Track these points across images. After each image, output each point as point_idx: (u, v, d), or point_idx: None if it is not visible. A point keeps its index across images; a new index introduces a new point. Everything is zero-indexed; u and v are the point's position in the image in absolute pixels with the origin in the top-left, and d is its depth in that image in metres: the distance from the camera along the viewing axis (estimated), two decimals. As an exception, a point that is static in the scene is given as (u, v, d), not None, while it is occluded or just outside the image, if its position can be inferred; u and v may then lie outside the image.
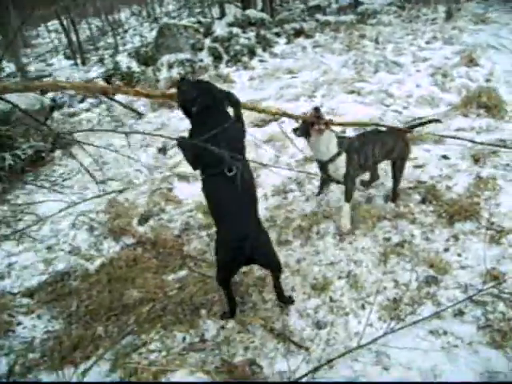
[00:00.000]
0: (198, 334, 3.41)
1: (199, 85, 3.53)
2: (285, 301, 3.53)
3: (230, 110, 3.56)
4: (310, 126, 4.06)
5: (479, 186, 4.64)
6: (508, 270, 3.56)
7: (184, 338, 3.37)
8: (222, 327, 3.44)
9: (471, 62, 8.33)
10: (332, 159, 4.17)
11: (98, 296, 3.89)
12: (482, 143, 5.25)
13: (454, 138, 5.40)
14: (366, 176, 4.94)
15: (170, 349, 3.29)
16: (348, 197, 4.34)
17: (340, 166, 4.20)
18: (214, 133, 3.21)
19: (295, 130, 4.27)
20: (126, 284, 4.00)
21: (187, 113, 3.49)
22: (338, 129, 4.87)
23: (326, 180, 4.61)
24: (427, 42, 10.59)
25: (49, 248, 4.73)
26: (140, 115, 4.46)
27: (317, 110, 4.01)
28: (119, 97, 8.18)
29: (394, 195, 4.68)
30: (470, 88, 7.19)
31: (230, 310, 3.47)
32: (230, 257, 3.23)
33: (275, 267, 3.41)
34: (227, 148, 3.11)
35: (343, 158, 4.18)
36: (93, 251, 4.62)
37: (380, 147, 4.38)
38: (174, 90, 3.57)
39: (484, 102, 6.35)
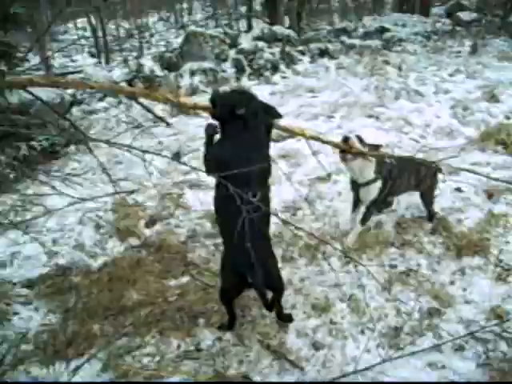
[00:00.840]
0: (193, 342, 3.38)
1: (237, 95, 3.36)
2: (284, 319, 3.49)
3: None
4: (341, 152, 4.06)
5: (490, 222, 4.61)
6: (512, 309, 3.51)
7: (179, 346, 3.35)
8: (219, 338, 3.41)
9: (492, 97, 8.30)
10: (367, 183, 4.20)
11: (98, 294, 3.89)
12: (497, 179, 5.16)
13: (469, 171, 5.33)
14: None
15: (164, 354, 3.28)
16: (365, 220, 4.37)
17: (372, 192, 4.23)
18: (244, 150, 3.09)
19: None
20: (127, 285, 4.00)
21: (221, 122, 3.31)
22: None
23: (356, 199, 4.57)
24: (450, 75, 10.57)
25: (54, 241, 4.73)
26: (167, 124, 4.45)
27: (346, 139, 3.99)
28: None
29: (431, 214, 4.74)
30: (490, 124, 7.16)
31: (229, 323, 3.43)
32: (232, 283, 3.19)
33: (278, 292, 3.35)
34: (255, 173, 2.98)
35: (378, 184, 4.21)
36: (97, 249, 4.62)
37: (409, 177, 4.43)
38: (205, 103, 3.46)
39: (502, 139, 6.32)
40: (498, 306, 3.53)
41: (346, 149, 4.00)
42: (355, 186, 4.34)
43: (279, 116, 3.52)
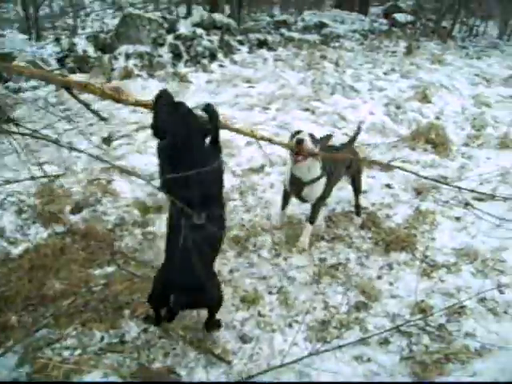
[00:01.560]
0: (117, 334, 3.27)
1: (178, 112, 3.06)
2: (209, 329, 3.34)
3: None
4: (296, 154, 3.90)
5: (418, 218, 4.77)
6: (436, 304, 3.62)
7: (102, 338, 3.22)
8: (144, 330, 3.32)
9: (424, 98, 8.54)
10: (313, 181, 4.11)
11: (17, 283, 3.66)
12: (425, 177, 5.34)
13: (399, 168, 5.47)
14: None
15: (87, 347, 3.14)
16: (314, 219, 4.33)
17: (318, 190, 4.17)
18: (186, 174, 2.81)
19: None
20: (49, 274, 3.79)
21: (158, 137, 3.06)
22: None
23: (289, 195, 4.51)
24: (385, 73, 10.79)
25: (-30, 226, 4.46)
26: (103, 119, 4.27)
27: (299, 142, 3.82)
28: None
29: (358, 209, 4.78)
30: (421, 123, 7.36)
31: (156, 318, 3.30)
32: (159, 296, 3.04)
33: (215, 311, 3.26)
34: (200, 192, 2.87)
35: (323, 181, 4.16)
36: (18, 235, 4.37)
37: (343, 164, 4.45)
38: (149, 100, 3.21)
39: (432, 139, 6.53)
40: (422, 301, 3.63)
41: (297, 151, 3.87)
42: (297, 183, 4.18)
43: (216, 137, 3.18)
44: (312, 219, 4.31)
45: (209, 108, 3.19)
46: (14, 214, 4.61)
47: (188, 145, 2.95)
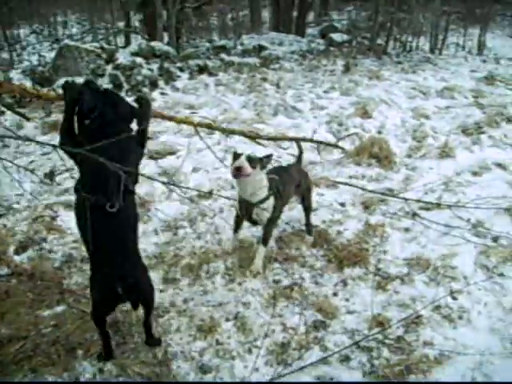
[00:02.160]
0: (71, 377, 3.11)
1: (101, 95, 3.08)
2: (151, 342, 3.33)
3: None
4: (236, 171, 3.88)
5: (368, 232, 4.80)
6: (393, 316, 3.64)
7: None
8: (100, 370, 3.17)
9: (365, 113, 8.73)
10: (261, 202, 4.06)
11: (-41, 332, 3.47)
12: (372, 191, 5.46)
13: (346, 184, 5.58)
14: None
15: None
16: (266, 241, 4.27)
17: (268, 210, 4.12)
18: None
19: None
20: (-6, 319, 3.61)
21: (79, 119, 3.03)
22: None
23: (240, 219, 4.47)
24: (325, 91, 10.99)
25: None
26: (27, 119, 4.12)
27: (238, 169, 3.84)
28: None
29: (310, 227, 4.74)
30: (363, 138, 7.49)
31: (106, 352, 3.20)
32: (103, 298, 2.99)
33: (150, 306, 3.22)
34: (115, 179, 2.74)
35: (271, 201, 4.12)
36: (-41, 280, 4.16)
37: (292, 184, 4.45)
38: (53, 93, 3.20)
39: (376, 153, 6.64)
40: (379, 314, 3.64)
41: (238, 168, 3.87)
42: (245, 206, 4.15)
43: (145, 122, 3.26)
44: (264, 241, 4.26)
45: (142, 98, 3.35)
46: (-49, 259, 4.38)
47: (112, 125, 2.96)
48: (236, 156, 4.02)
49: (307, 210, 4.75)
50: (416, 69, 13.87)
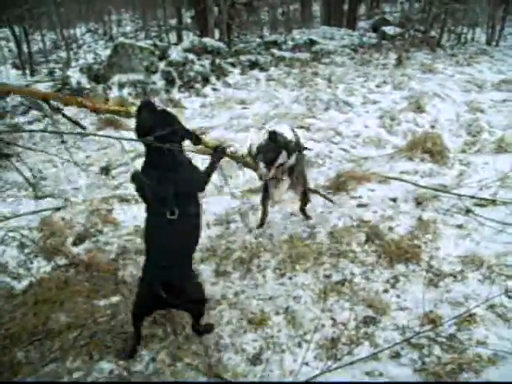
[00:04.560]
0: (126, 365, 3.24)
1: (161, 115, 3.29)
2: (200, 330, 3.46)
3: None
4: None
5: (420, 228, 4.73)
6: (445, 313, 3.58)
7: (111, 370, 3.19)
8: (153, 359, 3.29)
9: (418, 108, 8.57)
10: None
11: (22, 319, 3.65)
12: (425, 187, 5.37)
13: (398, 179, 5.51)
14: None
15: (96, 380, 3.11)
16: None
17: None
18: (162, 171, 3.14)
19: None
20: (54, 307, 3.78)
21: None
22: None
23: (267, 212, 4.64)
24: (377, 86, 10.84)
25: (-28, 263, 4.45)
26: (83, 128, 4.32)
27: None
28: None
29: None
30: (416, 133, 7.38)
31: (131, 350, 3.32)
32: (145, 300, 3.16)
33: (197, 317, 3.38)
34: (175, 189, 3.09)
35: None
36: (21, 270, 4.37)
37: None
38: (122, 107, 3.42)
39: (428, 148, 6.51)
40: (430, 311, 3.60)
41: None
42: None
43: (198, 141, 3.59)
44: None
45: (218, 146, 3.72)
46: (16, 249, 4.61)
47: (167, 141, 3.10)
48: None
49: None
50: (471, 61, 13.46)
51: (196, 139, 3.51)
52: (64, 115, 3.61)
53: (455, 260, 4.25)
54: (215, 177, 5.84)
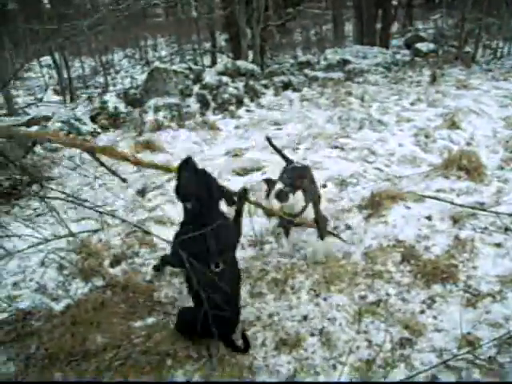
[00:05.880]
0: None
1: (199, 177, 3.51)
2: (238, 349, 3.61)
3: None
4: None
5: (457, 247, 4.63)
6: (484, 335, 3.50)
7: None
8: (188, 381, 3.31)
9: (453, 124, 8.45)
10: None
11: (60, 339, 3.74)
12: (461, 205, 5.28)
13: (434, 198, 5.44)
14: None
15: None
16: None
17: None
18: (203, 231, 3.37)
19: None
20: (91, 328, 3.86)
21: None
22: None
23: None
24: (411, 104, 10.74)
25: (14, 284, 4.60)
26: (123, 181, 4.45)
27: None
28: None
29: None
30: (452, 150, 7.28)
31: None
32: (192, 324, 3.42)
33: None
34: (216, 245, 3.41)
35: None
36: (60, 291, 4.49)
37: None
38: (164, 163, 3.71)
39: (464, 165, 6.39)
40: (468, 333, 3.52)
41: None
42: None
43: (233, 201, 3.93)
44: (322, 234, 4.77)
45: (229, 196, 3.94)
46: (55, 271, 4.74)
47: (207, 207, 3.44)
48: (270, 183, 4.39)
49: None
50: (508, 76, 13.20)
51: (230, 200, 3.86)
52: (107, 168, 3.76)
53: (494, 279, 4.14)
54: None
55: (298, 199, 4.37)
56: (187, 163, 3.54)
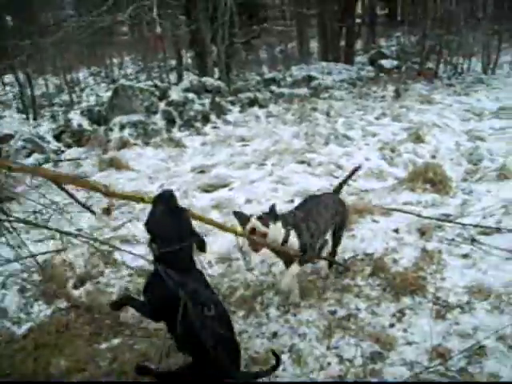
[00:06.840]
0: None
1: (173, 216, 3.01)
2: None
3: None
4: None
5: (425, 259, 4.66)
6: (454, 346, 3.49)
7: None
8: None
9: (418, 138, 8.59)
10: (284, 241, 3.86)
11: (22, 364, 3.59)
12: (428, 217, 5.32)
13: (401, 211, 5.47)
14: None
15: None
16: (301, 262, 4.04)
17: (293, 245, 3.91)
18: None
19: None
20: (54, 351, 3.74)
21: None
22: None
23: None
24: (376, 118, 10.90)
25: (-27, 309, 4.41)
26: (93, 213, 4.33)
27: (252, 232, 3.67)
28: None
29: (332, 261, 4.62)
30: (417, 163, 7.37)
31: None
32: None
33: None
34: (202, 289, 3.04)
35: (293, 235, 3.90)
36: (22, 314, 4.34)
37: (324, 212, 4.26)
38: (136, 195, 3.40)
39: (430, 178, 6.48)
40: (439, 345, 3.51)
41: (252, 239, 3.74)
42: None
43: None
44: (300, 262, 4.01)
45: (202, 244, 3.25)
46: (16, 293, 4.58)
47: (175, 252, 2.94)
48: (241, 217, 3.82)
49: (336, 241, 4.59)
50: (469, 90, 13.55)
51: (202, 246, 3.27)
52: (76, 200, 3.60)
53: (462, 291, 4.15)
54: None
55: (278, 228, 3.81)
56: (164, 197, 3.06)
